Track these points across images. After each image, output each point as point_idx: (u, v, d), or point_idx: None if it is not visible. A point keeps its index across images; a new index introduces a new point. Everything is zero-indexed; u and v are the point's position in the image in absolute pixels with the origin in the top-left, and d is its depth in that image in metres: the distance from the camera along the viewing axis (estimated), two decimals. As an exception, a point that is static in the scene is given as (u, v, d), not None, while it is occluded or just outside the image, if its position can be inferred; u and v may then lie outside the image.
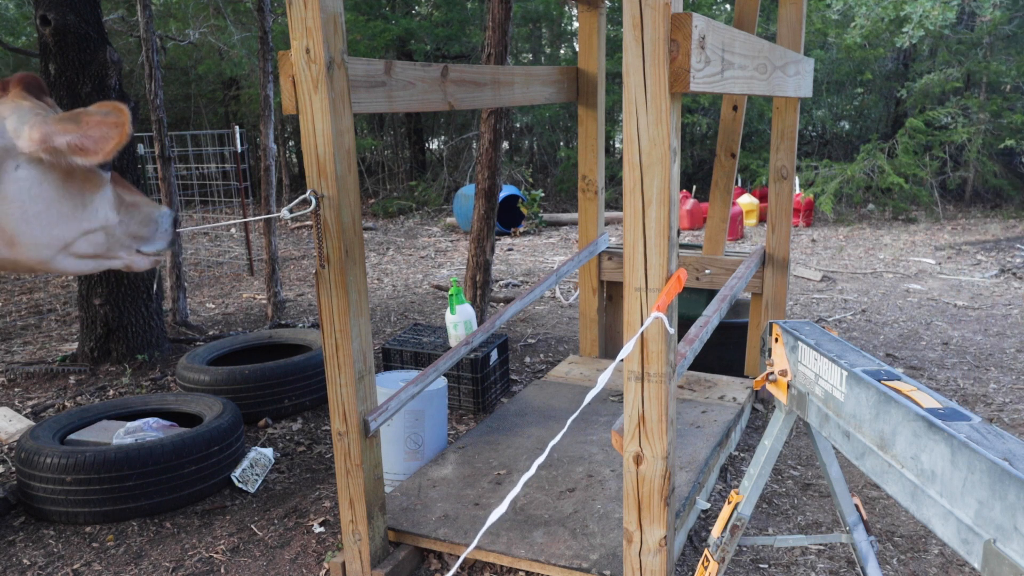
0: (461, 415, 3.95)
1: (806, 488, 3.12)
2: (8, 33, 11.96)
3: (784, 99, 3.64)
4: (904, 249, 8.43)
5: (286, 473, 3.38)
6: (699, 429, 3.24)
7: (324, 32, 1.99)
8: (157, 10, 12.41)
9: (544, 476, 2.91)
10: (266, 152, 5.76)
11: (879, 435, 1.21)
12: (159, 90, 5.37)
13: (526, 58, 14.87)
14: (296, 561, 2.69)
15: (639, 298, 1.81)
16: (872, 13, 9.56)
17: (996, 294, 6.36)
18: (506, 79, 2.98)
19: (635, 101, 1.70)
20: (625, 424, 1.92)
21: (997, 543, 0.95)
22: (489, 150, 4.61)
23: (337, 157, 2.09)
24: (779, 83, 2.52)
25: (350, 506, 2.38)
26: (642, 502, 1.95)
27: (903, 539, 2.74)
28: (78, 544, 2.82)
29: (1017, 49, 10.72)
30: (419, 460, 3.12)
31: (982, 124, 10.44)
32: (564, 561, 2.36)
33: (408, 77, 2.34)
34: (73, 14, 4.20)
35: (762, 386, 1.64)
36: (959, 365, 4.59)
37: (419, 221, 11.58)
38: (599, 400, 3.65)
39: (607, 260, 4.03)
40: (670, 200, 1.73)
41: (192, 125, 14.07)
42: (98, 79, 4.31)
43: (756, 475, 1.62)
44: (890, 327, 5.46)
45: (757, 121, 12.02)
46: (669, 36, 1.63)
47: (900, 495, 1.16)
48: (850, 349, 1.41)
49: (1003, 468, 0.94)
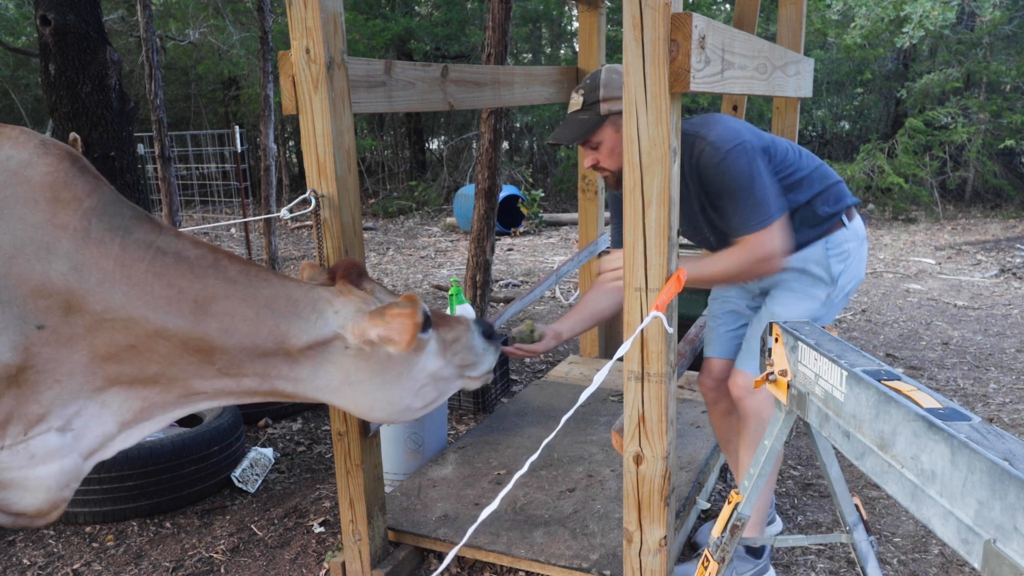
0: (461, 415, 3.96)
1: (806, 488, 3.12)
2: (8, 33, 11.97)
3: (784, 99, 3.65)
4: (904, 249, 8.43)
5: (286, 473, 3.38)
6: (699, 429, 3.24)
7: (324, 32, 1.99)
8: (157, 10, 12.41)
9: (544, 476, 2.91)
10: (266, 152, 5.76)
11: (879, 435, 1.21)
12: (159, 90, 5.37)
13: (526, 58, 14.87)
14: (296, 561, 2.69)
15: (639, 298, 1.81)
16: (872, 13, 9.56)
17: (996, 294, 6.36)
18: (506, 79, 2.98)
19: (635, 101, 1.70)
20: (625, 424, 1.92)
21: (997, 543, 0.95)
22: (489, 150, 4.61)
23: (337, 157, 2.09)
24: (779, 83, 2.52)
25: (350, 506, 2.38)
26: (642, 502, 1.95)
27: (903, 539, 2.74)
28: (78, 544, 2.82)
29: (1017, 49, 10.72)
30: (419, 460, 3.12)
31: (982, 124, 10.44)
32: (564, 561, 2.36)
33: (408, 77, 2.34)
34: (73, 14, 4.20)
35: (762, 386, 1.64)
36: (959, 365, 4.59)
37: (419, 221, 11.58)
38: (599, 400, 3.65)
39: (607, 260, 4.03)
40: (670, 200, 1.73)
41: (192, 125, 14.07)
42: (98, 79, 4.30)
43: (756, 475, 1.62)
44: (890, 327, 5.47)
45: (757, 121, 12.01)
46: (669, 36, 1.63)
47: (900, 495, 1.16)
48: (850, 349, 1.41)
49: (1003, 468, 0.94)
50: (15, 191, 1.42)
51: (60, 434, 1.55)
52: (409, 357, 1.76)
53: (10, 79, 12.79)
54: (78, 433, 1.57)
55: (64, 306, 1.45)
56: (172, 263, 1.54)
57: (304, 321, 1.66)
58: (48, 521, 1.64)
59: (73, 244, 1.45)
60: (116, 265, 1.48)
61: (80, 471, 1.62)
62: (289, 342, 1.64)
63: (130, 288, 1.49)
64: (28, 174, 1.43)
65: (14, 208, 1.41)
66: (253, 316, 1.60)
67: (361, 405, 1.76)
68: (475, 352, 1.97)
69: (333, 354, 1.69)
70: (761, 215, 2.01)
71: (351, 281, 1.77)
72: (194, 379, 1.62)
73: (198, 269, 1.57)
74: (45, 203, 1.44)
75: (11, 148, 1.45)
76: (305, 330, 1.66)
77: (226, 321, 1.58)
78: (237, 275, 1.62)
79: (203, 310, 1.56)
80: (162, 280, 1.52)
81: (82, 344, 1.49)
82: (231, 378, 1.64)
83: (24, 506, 1.57)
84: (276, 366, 1.66)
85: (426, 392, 1.84)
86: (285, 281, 1.69)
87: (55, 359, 1.47)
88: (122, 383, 1.57)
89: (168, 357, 1.56)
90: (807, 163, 2.29)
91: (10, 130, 1.47)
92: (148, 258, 1.52)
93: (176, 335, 1.54)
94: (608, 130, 2.14)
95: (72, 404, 1.53)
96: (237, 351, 1.60)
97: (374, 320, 1.68)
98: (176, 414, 1.70)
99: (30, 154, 1.45)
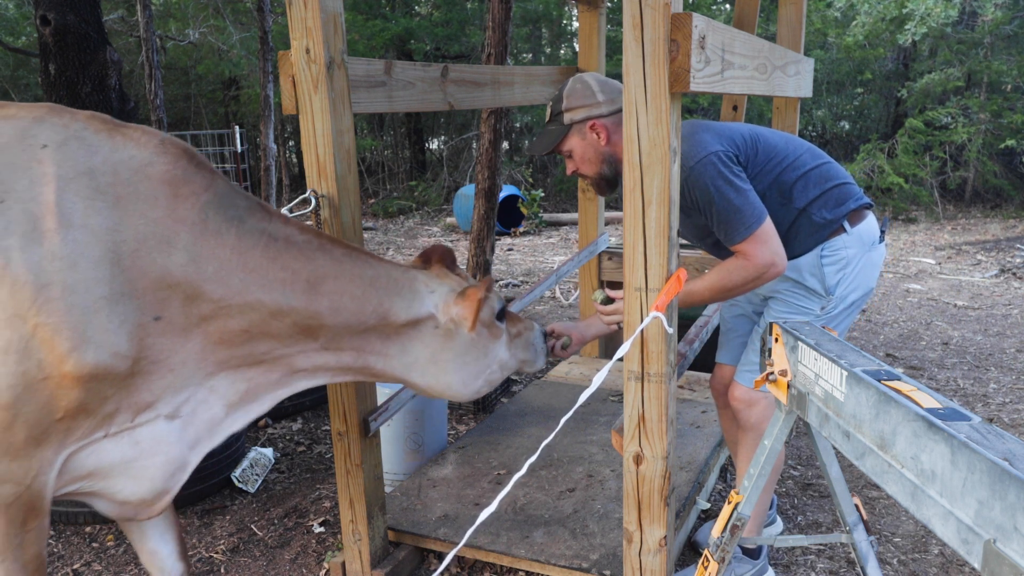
0: (461, 415, 3.95)
1: (806, 488, 3.12)
2: (8, 33, 11.96)
3: (784, 99, 3.64)
4: (904, 249, 8.43)
5: (286, 473, 3.38)
6: (699, 429, 3.24)
7: (324, 32, 1.99)
8: (157, 10, 12.41)
9: (544, 476, 2.91)
10: (266, 152, 5.76)
11: (879, 435, 1.21)
12: (159, 90, 5.37)
13: (526, 58, 14.87)
14: (296, 561, 2.69)
15: (639, 298, 1.81)
16: (874, 11, 9.55)
17: (996, 294, 6.36)
18: (506, 79, 2.98)
19: (635, 101, 1.70)
20: (625, 424, 1.92)
21: (997, 543, 0.95)
22: (489, 150, 4.61)
23: (337, 157, 2.09)
24: (779, 83, 2.52)
25: (350, 506, 2.38)
26: (642, 502, 1.95)
27: (903, 539, 2.74)
28: (78, 544, 2.82)
29: (1018, 49, 10.71)
30: (419, 460, 3.12)
31: (982, 124, 10.44)
32: (564, 561, 2.36)
33: (408, 77, 2.33)
34: (73, 14, 4.20)
35: (762, 386, 1.64)
36: (959, 365, 4.59)
37: (419, 221, 11.58)
38: (599, 400, 3.65)
39: (607, 260, 4.03)
40: (670, 200, 1.73)
41: (192, 125, 14.06)
42: (98, 79, 4.31)
43: (756, 475, 1.62)
44: (890, 327, 5.47)
45: (757, 121, 12.01)
46: (669, 36, 1.63)
47: (900, 495, 1.16)
48: (850, 349, 1.41)
49: (1003, 468, 0.94)
50: (137, 188, 1.49)
51: (168, 421, 1.61)
52: (487, 343, 1.90)
53: (10, 79, 12.79)
54: (186, 420, 1.63)
55: (182, 297, 1.52)
56: (283, 247, 1.63)
57: (404, 299, 1.78)
58: (152, 513, 1.69)
59: (191, 236, 1.52)
60: (233, 253, 1.57)
61: (186, 461, 1.67)
62: (390, 319, 1.76)
63: (246, 274, 1.58)
64: (149, 172, 1.51)
65: (136, 205, 1.48)
66: (360, 294, 1.72)
67: (440, 383, 1.87)
68: (534, 350, 2.10)
69: (423, 333, 1.81)
70: (742, 224, 1.98)
71: (446, 265, 1.90)
72: (298, 356, 1.72)
73: (307, 251, 1.66)
74: (165, 199, 1.51)
75: (133, 148, 1.52)
76: (404, 308, 1.78)
77: (336, 299, 1.68)
78: (343, 256, 1.72)
79: (315, 289, 1.66)
80: (276, 263, 1.61)
81: (196, 332, 1.56)
82: (332, 353, 1.74)
83: (128, 495, 1.62)
84: (371, 342, 1.77)
85: (494, 377, 1.96)
86: (385, 262, 1.81)
87: (169, 348, 1.54)
88: (230, 367, 1.65)
89: (278, 337, 1.65)
90: (806, 160, 2.19)
91: (131, 130, 1.54)
92: (262, 244, 1.61)
93: (290, 315, 1.64)
94: (574, 139, 2.15)
95: (183, 391, 1.60)
96: (343, 327, 1.71)
97: (457, 301, 1.82)
98: (280, 394, 1.78)
99: (151, 153, 1.53)
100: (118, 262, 1.45)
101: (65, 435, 1.47)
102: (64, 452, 1.50)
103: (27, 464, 1.45)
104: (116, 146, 1.51)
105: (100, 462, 1.56)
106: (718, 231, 2.05)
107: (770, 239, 1.99)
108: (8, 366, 1.38)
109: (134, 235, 1.47)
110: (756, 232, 1.97)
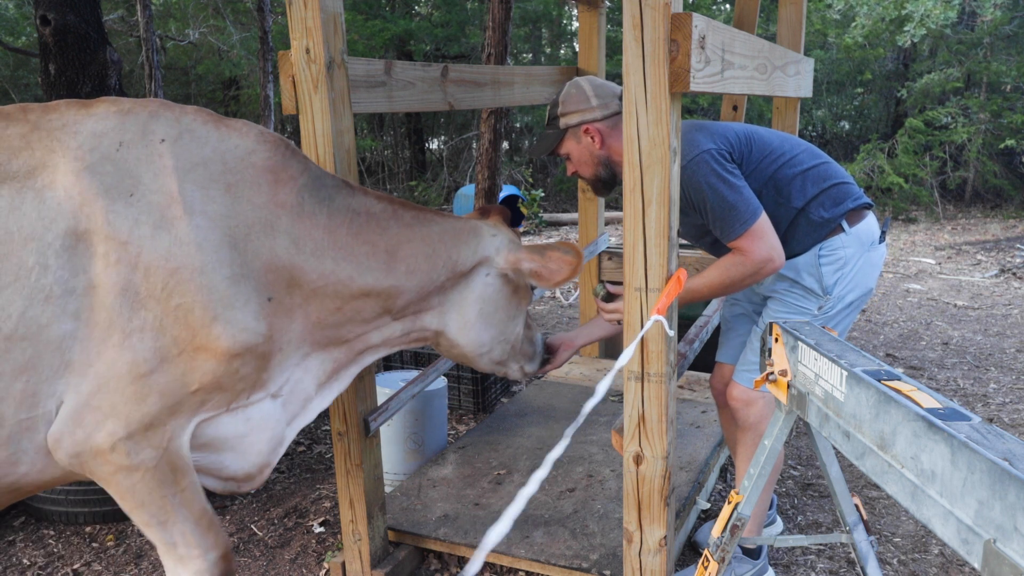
0: (461, 415, 3.96)
1: (806, 488, 3.12)
2: (8, 33, 11.96)
3: (784, 99, 3.64)
4: (904, 249, 8.44)
5: (286, 473, 3.38)
6: (699, 429, 3.24)
7: (324, 32, 1.99)
8: (157, 10, 12.41)
9: (544, 476, 2.91)
10: (266, 152, 5.76)
11: (879, 435, 1.21)
12: (159, 90, 5.37)
13: (526, 58, 14.87)
14: (296, 561, 2.69)
15: (639, 298, 1.81)
16: (874, 12, 9.56)
17: (996, 294, 6.36)
18: (506, 79, 2.98)
19: (635, 101, 1.70)
20: (625, 424, 1.92)
21: (997, 543, 0.95)
22: (489, 150, 4.61)
23: (337, 157, 2.09)
24: (779, 83, 2.52)
25: (350, 506, 2.38)
26: (642, 502, 1.95)
27: (903, 539, 2.74)
28: (78, 544, 2.82)
29: (1018, 49, 10.71)
30: (419, 460, 3.12)
31: (982, 124, 10.44)
32: (564, 561, 2.36)
33: (408, 77, 2.33)
34: (73, 14, 4.20)
35: (762, 386, 1.64)
36: (959, 365, 4.59)
37: (419, 221, 11.56)
38: (599, 400, 3.64)
39: (607, 260, 4.03)
40: (670, 200, 1.73)
41: (192, 125, 14.02)
42: (98, 79, 4.30)
43: (756, 475, 1.62)
44: (890, 327, 5.47)
45: (757, 121, 12.01)
46: (669, 36, 1.63)
47: (900, 495, 1.16)
48: (850, 349, 1.41)
49: (1003, 468, 0.94)
50: (243, 176, 1.58)
51: (273, 400, 1.69)
52: (520, 304, 1.98)
53: (10, 79, 12.78)
54: (286, 399, 1.72)
55: (287, 278, 1.61)
56: (364, 221, 1.72)
57: (467, 246, 1.87)
58: (253, 486, 1.77)
59: (290, 219, 1.61)
60: (324, 233, 1.65)
61: (285, 436, 1.75)
62: (458, 268, 1.85)
63: (337, 252, 1.66)
64: (253, 160, 1.60)
65: (244, 191, 1.57)
66: (431, 252, 1.81)
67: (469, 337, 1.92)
68: (533, 347, 2.17)
69: (475, 280, 1.88)
70: (738, 220, 1.98)
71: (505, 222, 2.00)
72: (373, 332, 1.80)
73: (383, 221, 1.75)
74: (267, 185, 1.60)
75: (237, 138, 1.61)
76: (471, 253, 1.87)
77: (411, 263, 1.77)
78: (412, 220, 1.81)
79: (393, 257, 1.75)
80: (359, 239, 1.70)
81: (299, 313, 1.65)
82: (399, 321, 1.83)
83: (235, 470, 1.71)
84: (429, 298, 1.85)
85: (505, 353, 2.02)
86: (446, 216, 1.91)
87: (280, 328, 1.62)
88: (321, 346, 1.74)
89: (363, 312, 1.74)
90: (803, 158, 2.19)
91: (234, 122, 1.63)
92: (347, 221, 1.69)
93: (374, 288, 1.73)
94: (570, 142, 2.20)
95: (286, 371, 1.69)
96: (415, 290, 1.79)
97: (532, 254, 1.89)
98: (353, 372, 1.86)
99: (252, 142, 1.62)
100: (235, 245, 1.54)
101: (198, 407, 1.57)
102: (195, 420, 1.58)
103: (162, 431, 1.54)
104: (222, 137, 1.60)
105: (217, 434, 1.64)
106: (715, 228, 2.05)
107: (766, 234, 2.00)
108: (145, 342, 1.47)
109: (244, 220, 1.56)
110: (752, 228, 1.98)
